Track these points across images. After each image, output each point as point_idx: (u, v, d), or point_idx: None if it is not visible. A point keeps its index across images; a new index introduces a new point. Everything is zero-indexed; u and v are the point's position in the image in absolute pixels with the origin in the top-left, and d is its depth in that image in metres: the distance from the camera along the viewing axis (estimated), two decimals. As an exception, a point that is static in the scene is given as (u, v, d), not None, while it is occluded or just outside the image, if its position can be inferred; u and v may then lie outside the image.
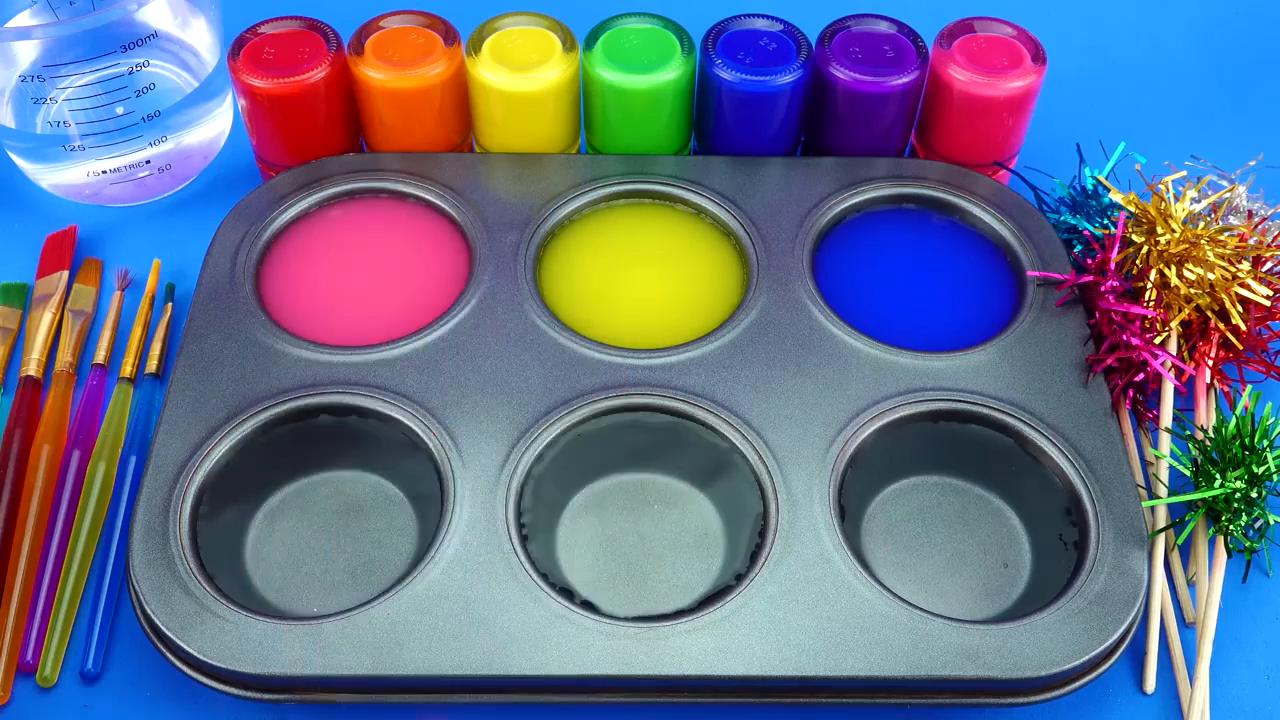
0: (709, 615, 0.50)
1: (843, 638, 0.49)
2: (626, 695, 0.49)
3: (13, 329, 0.63)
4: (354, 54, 0.63)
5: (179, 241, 0.67)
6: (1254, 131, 0.75)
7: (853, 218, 0.65)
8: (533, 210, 0.63)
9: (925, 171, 0.65)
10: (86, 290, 0.65)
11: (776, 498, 0.53)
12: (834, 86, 0.64)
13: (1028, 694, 0.49)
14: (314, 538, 0.55)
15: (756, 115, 0.64)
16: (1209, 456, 0.55)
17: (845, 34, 0.65)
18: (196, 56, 0.67)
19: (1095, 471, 0.54)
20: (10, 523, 0.55)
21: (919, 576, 0.54)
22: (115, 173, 0.66)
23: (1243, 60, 0.80)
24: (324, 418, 0.56)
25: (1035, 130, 0.68)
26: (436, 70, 0.63)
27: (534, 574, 0.51)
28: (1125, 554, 0.52)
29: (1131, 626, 0.51)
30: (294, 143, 0.65)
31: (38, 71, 0.62)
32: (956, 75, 0.63)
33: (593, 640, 0.49)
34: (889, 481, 0.57)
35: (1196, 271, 0.58)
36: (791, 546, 0.52)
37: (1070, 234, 0.64)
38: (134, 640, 0.53)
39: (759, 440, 0.55)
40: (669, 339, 0.59)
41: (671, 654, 0.49)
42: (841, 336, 0.59)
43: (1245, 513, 0.54)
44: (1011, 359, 0.58)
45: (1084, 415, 0.56)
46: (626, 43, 0.64)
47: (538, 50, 0.64)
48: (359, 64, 0.63)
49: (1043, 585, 0.53)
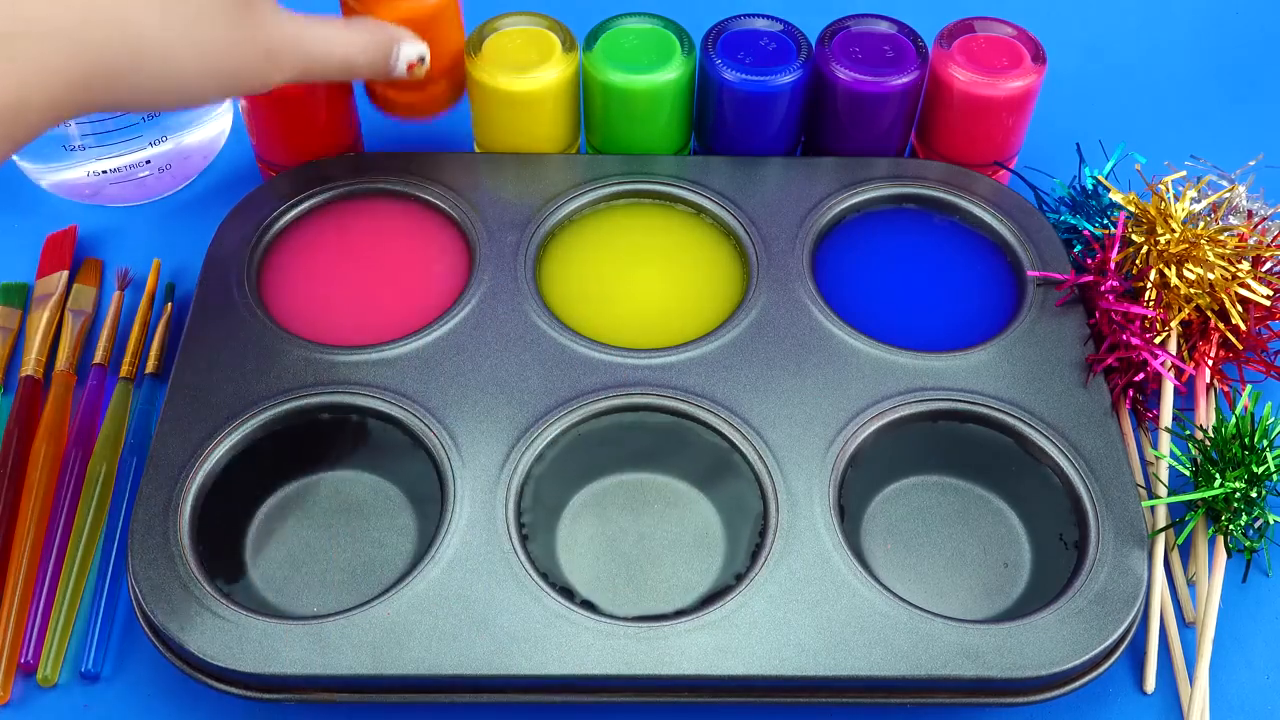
0: (709, 615, 0.50)
1: (842, 637, 0.49)
2: (626, 695, 0.49)
3: (13, 329, 0.63)
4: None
5: (179, 241, 0.67)
6: (1254, 131, 0.75)
7: (853, 218, 0.65)
8: (533, 210, 0.63)
9: (925, 171, 0.65)
10: (86, 290, 0.65)
11: (776, 497, 0.53)
12: (834, 86, 0.64)
13: (1028, 694, 0.49)
14: (313, 537, 0.55)
15: (756, 115, 0.64)
16: (1209, 456, 0.55)
17: (845, 34, 0.65)
18: (196, 56, 0.67)
19: (1095, 471, 0.54)
20: (10, 523, 0.55)
21: (919, 576, 0.54)
22: (115, 173, 0.66)
23: (1242, 60, 0.80)
24: (324, 417, 0.56)
25: (1035, 130, 0.68)
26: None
27: (534, 574, 0.51)
28: (1125, 554, 0.52)
29: (1131, 626, 0.51)
30: (294, 143, 0.65)
31: (38, 71, 0.62)
32: (957, 75, 0.63)
33: (593, 640, 0.49)
34: (889, 481, 0.57)
35: (1196, 271, 0.58)
36: (791, 546, 0.52)
37: (1070, 234, 0.64)
38: (134, 640, 0.53)
39: (759, 440, 0.55)
40: (669, 339, 0.59)
41: (671, 654, 0.49)
42: (841, 336, 0.59)
43: (1245, 512, 0.54)
44: (1011, 359, 0.58)
45: (1084, 415, 0.56)
46: (626, 43, 0.64)
47: (538, 50, 0.64)
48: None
49: (1043, 585, 0.53)
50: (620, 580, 0.53)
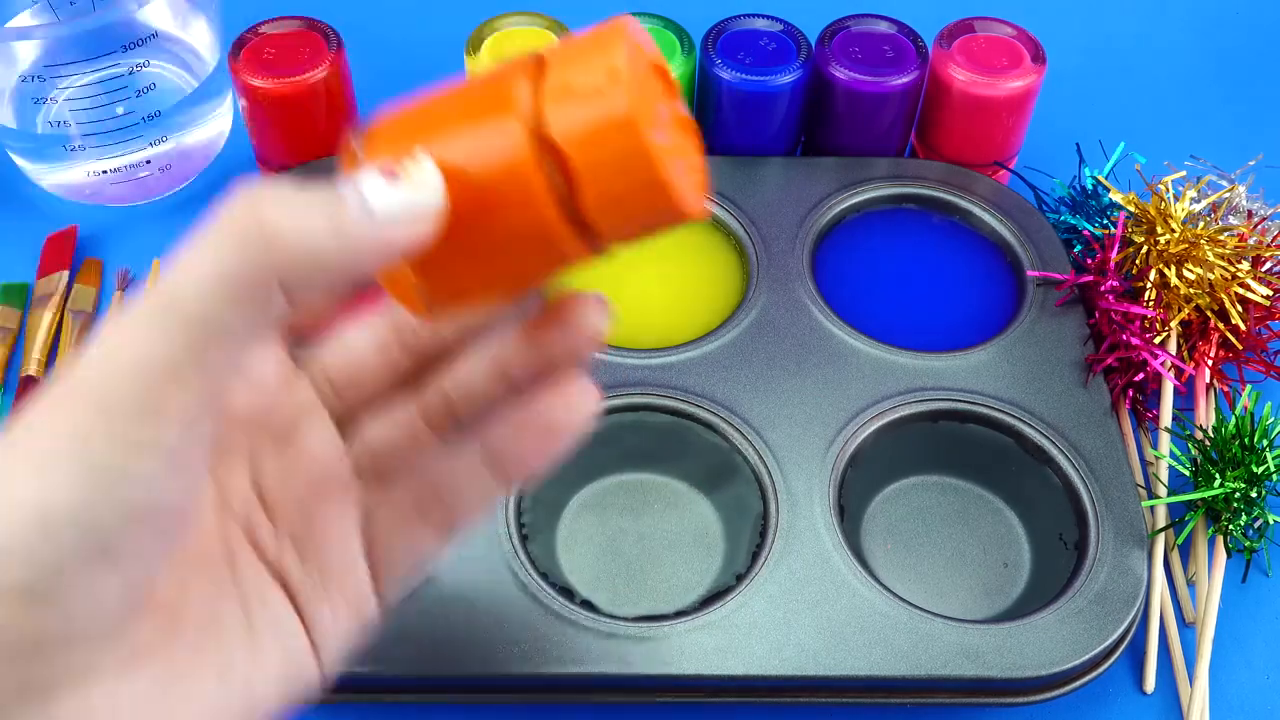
0: (709, 615, 0.50)
1: (842, 637, 0.49)
2: (626, 695, 0.49)
3: (13, 329, 0.63)
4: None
5: (179, 241, 0.67)
6: (1254, 131, 0.75)
7: (853, 218, 0.65)
8: (533, 210, 0.63)
9: (925, 171, 0.65)
10: (87, 290, 0.65)
11: (776, 497, 0.53)
12: (834, 86, 0.64)
13: (1027, 694, 0.49)
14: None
15: (756, 115, 0.64)
16: (1208, 456, 0.55)
17: (845, 34, 0.65)
18: (197, 56, 0.67)
19: (1095, 471, 0.54)
20: (10, 523, 0.55)
21: (919, 576, 0.54)
22: (115, 173, 0.66)
23: (1242, 60, 0.80)
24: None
25: (1035, 130, 0.68)
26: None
27: (534, 574, 0.51)
28: (1125, 554, 0.52)
29: (1131, 626, 0.51)
30: (294, 143, 0.65)
31: (38, 71, 0.62)
32: (956, 75, 0.63)
33: (593, 640, 0.49)
34: (889, 481, 0.57)
35: (1196, 271, 0.58)
36: (791, 546, 0.52)
37: (1070, 234, 0.64)
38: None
39: (759, 440, 0.55)
40: (669, 339, 0.59)
41: (671, 654, 0.49)
42: (841, 336, 0.59)
43: (1245, 512, 0.54)
44: (1011, 359, 0.58)
45: (1084, 415, 0.56)
46: (626, 43, 0.64)
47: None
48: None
49: (1042, 585, 0.53)
50: (620, 580, 0.53)
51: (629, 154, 0.28)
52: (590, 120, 0.28)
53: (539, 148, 0.28)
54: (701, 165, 0.32)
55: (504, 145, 0.28)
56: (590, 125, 0.28)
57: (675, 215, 0.29)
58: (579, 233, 0.29)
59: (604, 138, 0.28)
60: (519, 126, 0.28)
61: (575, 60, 0.29)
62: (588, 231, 0.29)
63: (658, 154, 0.28)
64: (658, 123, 0.29)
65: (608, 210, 0.29)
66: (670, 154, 0.29)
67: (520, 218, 0.29)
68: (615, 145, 0.28)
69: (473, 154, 0.29)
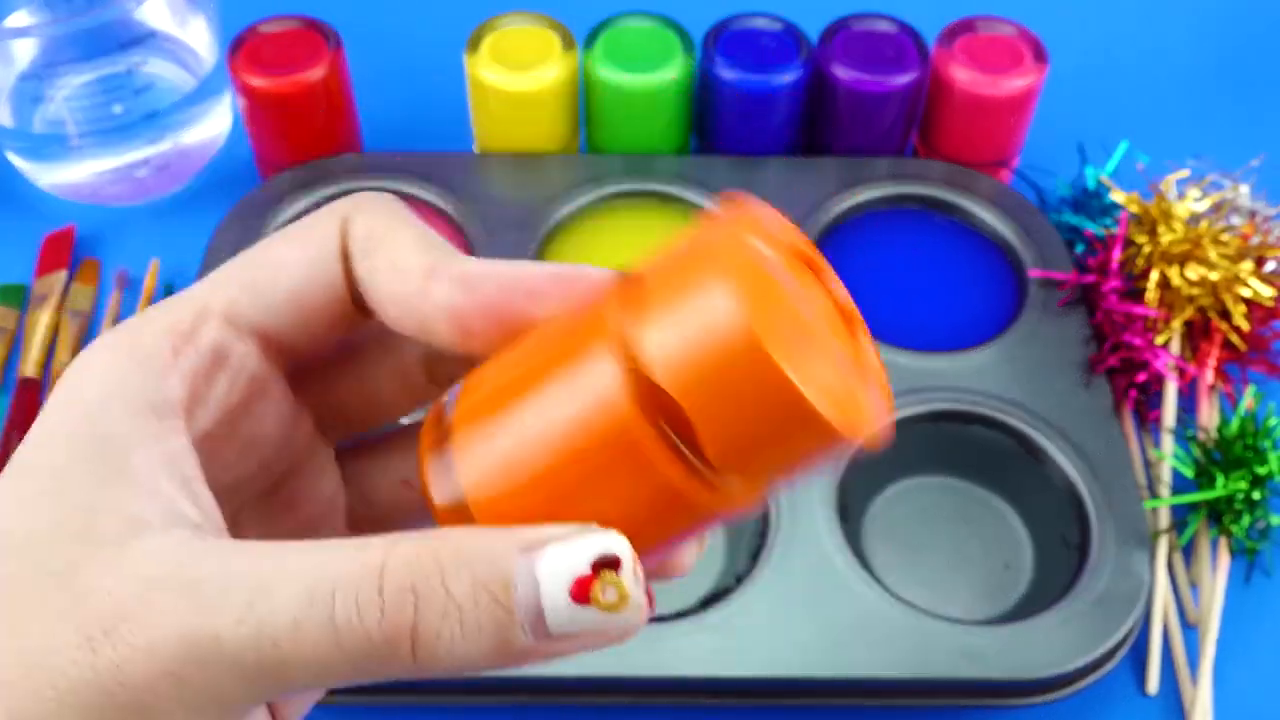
0: (709, 616, 0.50)
1: (843, 639, 0.49)
2: (626, 695, 0.49)
3: (11, 329, 0.63)
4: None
5: (178, 241, 0.67)
6: (1256, 131, 0.75)
7: (853, 218, 0.64)
8: (533, 210, 0.63)
9: (926, 171, 0.65)
10: (85, 290, 0.64)
11: (777, 498, 0.53)
12: (834, 86, 0.64)
13: (1029, 695, 0.49)
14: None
15: (756, 115, 0.64)
16: (1211, 457, 0.55)
17: (846, 33, 0.65)
18: (195, 56, 0.67)
19: (1097, 472, 0.54)
20: (8, 523, 0.55)
21: (920, 577, 0.54)
22: (113, 172, 0.66)
23: (1245, 60, 0.79)
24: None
25: (1037, 130, 0.67)
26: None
27: (533, 575, 0.50)
28: (1127, 555, 0.51)
29: (1134, 627, 0.50)
30: (293, 142, 0.65)
31: (36, 70, 0.62)
32: (958, 75, 0.63)
33: (592, 641, 0.49)
34: (889, 482, 0.57)
35: (1199, 271, 0.58)
36: (792, 547, 0.51)
37: (1072, 234, 0.64)
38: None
39: (759, 441, 0.54)
40: (669, 339, 0.59)
41: (672, 655, 0.48)
42: (842, 336, 0.58)
43: (1248, 513, 0.54)
44: (1013, 359, 0.58)
45: (1086, 416, 0.56)
46: (626, 42, 0.64)
47: (537, 50, 0.64)
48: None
49: (1044, 586, 0.53)
50: (620, 581, 0.53)
51: (755, 383, 0.21)
52: (697, 351, 0.22)
53: (642, 397, 0.22)
54: (874, 363, 0.25)
55: (599, 406, 0.23)
56: (699, 358, 0.22)
57: (840, 441, 0.22)
58: (712, 484, 0.23)
59: (718, 371, 0.21)
60: (614, 371, 0.22)
61: (676, 274, 0.22)
62: (724, 480, 0.23)
63: (794, 375, 0.21)
64: (799, 331, 0.22)
65: (744, 455, 0.22)
66: (822, 363, 0.22)
67: (631, 487, 0.23)
68: (735, 376, 0.21)
69: (565, 423, 0.23)
